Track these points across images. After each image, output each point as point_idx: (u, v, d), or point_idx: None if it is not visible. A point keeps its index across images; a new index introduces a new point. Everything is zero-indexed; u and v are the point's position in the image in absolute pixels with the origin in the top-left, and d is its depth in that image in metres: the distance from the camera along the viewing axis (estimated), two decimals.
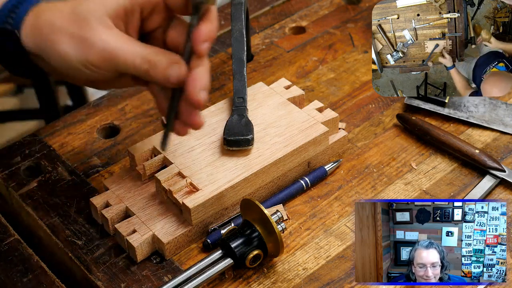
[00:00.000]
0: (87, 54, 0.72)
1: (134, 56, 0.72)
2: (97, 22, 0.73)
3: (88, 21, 0.73)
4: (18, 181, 0.90)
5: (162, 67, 0.73)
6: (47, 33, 0.74)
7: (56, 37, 0.74)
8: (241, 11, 0.96)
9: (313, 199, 0.87)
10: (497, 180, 0.88)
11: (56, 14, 0.75)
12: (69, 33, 0.73)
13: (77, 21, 0.73)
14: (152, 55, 0.73)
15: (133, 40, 0.74)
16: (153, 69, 0.73)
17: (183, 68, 0.73)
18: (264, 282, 0.78)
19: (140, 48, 0.73)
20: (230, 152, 0.85)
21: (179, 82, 0.73)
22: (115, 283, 0.78)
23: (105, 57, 0.72)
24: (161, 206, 0.83)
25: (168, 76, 0.73)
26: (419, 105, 0.98)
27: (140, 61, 0.72)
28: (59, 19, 0.74)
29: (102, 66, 0.73)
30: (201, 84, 0.74)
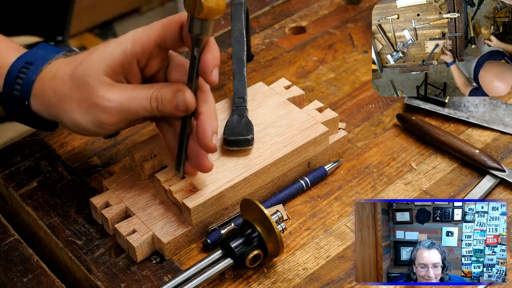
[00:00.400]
0: (98, 117, 0.75)
1: (141, 101, 0.75)
2: (97, 84, 0.75)
3: (88, 85, 0.75)
4: (18, 181, 0.90)
5: (169, 98, 0.75)
6: (56, 102, 0.77)
7: (65, 106, 0.76)
8: (241, 11, 0.96)
9: (313, 199, 0.87)
10: (497, 180, 0.88)
11: (58, 82, 0.77)
12: (75, 100, 0.75)
13: (79, 87, 0.75)
14: (156, 92, 0.75)
15: (135, 87, 0.76)
16: (161, 104, 0.75)
17: (188, 93, 0.75)
18: (264, 282, 0.78)
19: (144, 91, 0.76)
20: (230, 152, 0.85)
21: (188, 108, 0.75)
22: (115, 283, 0.78)
23: (116, 114, 0.75)
24: (161, 206, 0.83)
25: (176, 105, 0.75)
26: (419, 105, 0.98)
27: (148, 102, 0.75)
28: (63, 87, 0.76)
29: (116, 122, 0.76)
30: (211, 128, 0.76)
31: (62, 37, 1.67)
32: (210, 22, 0.72)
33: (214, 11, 0.70)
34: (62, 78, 0.76)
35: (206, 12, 0.70)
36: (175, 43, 0.76)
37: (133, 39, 0.75)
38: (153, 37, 0.75)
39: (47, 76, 0.78)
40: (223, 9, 0.70)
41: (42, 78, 0.78)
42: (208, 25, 0.72)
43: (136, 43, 0.75)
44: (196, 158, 0.78)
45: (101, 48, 0.76)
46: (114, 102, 0.75)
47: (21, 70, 0.78)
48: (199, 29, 0.72)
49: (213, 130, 0.77)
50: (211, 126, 0.76)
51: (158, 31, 0.75)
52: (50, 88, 0.77)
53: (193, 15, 0.71)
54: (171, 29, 0.75)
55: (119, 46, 0.75)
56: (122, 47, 0.75)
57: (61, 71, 0.77)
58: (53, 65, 0.78)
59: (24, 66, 0.78)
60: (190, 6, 0.70)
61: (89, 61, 0.75)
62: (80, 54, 0.78)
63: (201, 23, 0.71)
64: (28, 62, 0.78)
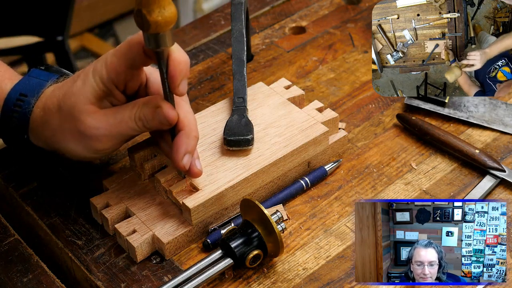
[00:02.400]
0: (91, 145, 0.77)
1: (127, 123, 0.77)
2: (82, 114, 0.76)
3: (74, 116, 0.76)
4: (18, 181, 0.90)
5: (151, 116, 0.76)
6: (50, 135, 0.79)
7: (59, 138, 0.78)
8: (241, 11, 0.96)
9: (313, 199, 0.87)
10: (497, 180, 0.88)
11: (48, 115, 0.79)
12: (67, 131, 0.77)
13: (67, 118, 0.77)
14: (138, 111, 0.77)
15: (118, 109, 0.77)
16: (146, 122, 0.77)
17: (166, 108, 0.76)
18: (264, 282, 0.78)
19: (127, 112, 0.77)
20: (230, 152, 0.85)
21: (171, 122, 0.77)
22: (115, 283, 0.78)
23: (106, 140, 0.77)
24: (161, 206, 0.83)
25: (159, 121, 0.76)
26: (419, 105, 0.98)
27: (134, 123, 0.77)
28: (52, 119, 0.78)
29: (109, 146, 0.78)
30: (185, 148, 0.77)
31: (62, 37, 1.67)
32: (164, 34, 0.71)
33: (162, 25, 0.69)
34: (51, 110, 0.78)
35: (155, 27, 0.70)
36: (142, 61, 0.76)
37: (106, 65, 0.76)
38: (121, 61, 0.76)
39: (38, 109, 0.79)
40: (172, 20, 0.70)
41: (34, 112, 0.79)
42: (162, 37, 0.71)
43: (109, 69, 0.76)
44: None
45: (82, 76, 0.77)
46: (102, 129, 0.76)
47: (16, 103, 0.80)
48: (154, 43, 0.72)
49: (187, 149, 0.77)
50: (185, 146, 0.77)
51: (123, 55, 0.76)
52: (42, 120, 0.79)
53: (144, 31, 0.71)
54: (134, 49, 0.75)
55: (96, 75, 0.76)
56: (99, 76, 0.76)
57: (49, 102, 0.79)
58: (43, 96, 0.80)
59: (19, 98, 0.80)
60: (139, 23, 0.70)
61: (72, 91, 0.77)
62: (66, 81, 0.79)
63: (154, 37, 0.71)
64: (22, 94, 0.80)
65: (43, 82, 0.81)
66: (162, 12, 0.69)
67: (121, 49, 0.76)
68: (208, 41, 1.12)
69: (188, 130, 0.78)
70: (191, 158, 0.78)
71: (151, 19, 0.69)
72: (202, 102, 1.00)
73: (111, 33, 2.86)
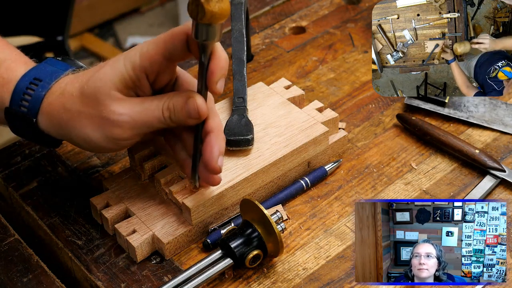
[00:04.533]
0: (110, 132, 0.74)
1: (153, 112, 0.74)
2: (108, 99, 0.74)
3: (99, 100, 0.74)
4: (18, 181, 0.90)
5: (180, 106, 0.74)
6: (66, 119, 0.76)
7: (75, 123, 0.75)
8: (241, 11, 0.96)
9: (313, 199, 0.87)
10: (497, 180, 0.88)
11: (68, 99, 0.76)
12: (86, 116, 0.75)
13: (89, 103, 0.74)
14: (167, 101, 0.75)
15: (146, 99, 0.75)
16: (173, 113, 0.75)
17: (199, 99, 0.74)
18: (264, 282, 0.78)
19: (155, 101, 0.75)
20: (230, 152, 0.85)
21: (200, 115, 0.75)
22: (115, 283, 0.78)
23: (128, 128, 0.74)
24: (161, 206, 0.83)
25: (187, 112, 0.74)
26: (419, 105, 0.98)
27: (161, 113, 0.74)
28: (72, 103, 0.75)
29: (128, 136, 0.75)
30: (218, 149, 0.76)
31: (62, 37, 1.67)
32: (215, 26, 0.71)
33: (217, 16, 0.69)
34: (72, 94, 0.75)
35: (209, 17, 0.69)
36: (182, 54, 0.75)
37: (141, 53, 0.74)
38: (160, 50, 0.74)
39: (56, 92, 0.77)
40: (227, 13, 0.69)
41: (51, 95, 0.77)
42: (213, 30, 0.71)
43: (144, 57, 0.74)
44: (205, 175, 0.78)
45: (110, 63, 0.75)
46: (126, 115, 0.74)
47: (29, 86, 0.77)
48: (204, 34, 0.71)
49: (220, 151, 0.76)
50: (218, 147, 0.76)
51: (164, 44, 0.74)
52: (60, 105, 0.76)
53: (197, 21, 0.71)
54: (177, 40, 0.74)
55: (128, 61, 0.74)
56: (131, 62, 0.74)
57: (70, 87, 0.76)
58: (61, 81, 0.77)
59: (33, 82, 0.77)
60: (193, 12, 0.70)
61: (99, 76, 0.74)
62: (88, 70, 0.77)
63: (205, 29, 0.70)
64: (36, 78, 0.77)
65: (60, 71, 0.78)
66: (220, 2, 0.68)
67: (162, 38, 0.74)
68: None
69: (217, 131, 0.77)
70: (222, 160, 0.77)
71: (209, 8, 0.68)
72: None
73: (111, 33, 2.86)
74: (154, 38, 0.75)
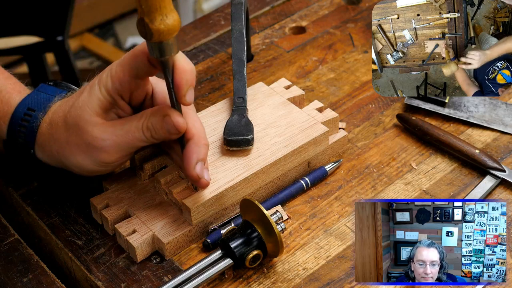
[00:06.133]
0: (98, 157, 0.77)
1: (134, 133, 0.76)
2: (89, 126, 0.76)
3: (81, 128, 0.76)
4: (18, 181, 0.90)
5: (159, 125, 0.75)
6: (57, 149, 0.78)
7: (66, 152, 0.78)
8: (241, 11, 0.96)
9: (313, 199, 0.87)
10: (497, 180, 0.87)
11: (54, 129, 0.78)
12: (73, 144, 0.77)
13: (73, 132, 0.77)
14: (146, 121, 0.76)
15: (126, 120, 0.77)
16: (154, 131, 0.76)
17: (175, 116, 0.75)
18: (264, 282, 0.78)
19: (134, 123, 0.76)
20: (230, 152, 0.85)
21: (180, 130, 0.76)
22: (115, 283, 0.78)
23: (113, 152, 0.76)
24: (161, 206, 0.83)
25: (167, 130, 0.76)
26: (419, 105, 0.98)
27: (141, 133, 0.76)
28: (59, 133, 0.78)
29: (116, 158, 0.77)
30: (196, 156, 0.77)
31: (62, 37, 1.67)
32: (167, 43, 0.70)
33: (165, 33, 0.68)
34: (57, 124, 0.78)
35: (158, 36, 0.68)
36: (147, 71, 0.76)
37: (111, 76, 0.76)
38: (126, 71, 0.75)
39: (45, 123, 0.79)
40: (175, 28, 0.69)
41: (42, 126, 0.79)
42: (166, 46, 0.70)
43: (114, 79, 0.75)
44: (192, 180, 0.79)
45: (88, 88, 0.77)
46: (109, 140, 0.76)
47: (24, 117, 0.79)
48: (157, 52, 0.71)
49: (198, 158, 0.77)
50: (196, 155, 0.77)
51: (128, 65, 0.75)
52: (49, 135, 0.78)
53: (147, 40, 0.70)
54: (139, 59, 0.74)
55: (101, 86, 0.76)
56: (104, 86, 0.76)
57: (56, 116, 0.78)
58: (50, 110, 0.80)
59: (26, 113, 0.79)
60: (141, 32, 0.69)
61: (78, 104, 0.76)
62: (72, 96, 0.79)
63: (157, 46, 0.70)
64: (30, 109, 0.80)
65: (51, 97, 0.81)
66: (164, 20, 0.68)
67: (126, 58, 0.75)
68: (208, 41, 1.12)
69: (197, 138, 0.77)
70: (203, 166, 0.77)
71: (154, 27, 0.68)
72: (202, 102, 1.00)
73: (111, 33, 2.86)
74: (120, 59, 0.76)
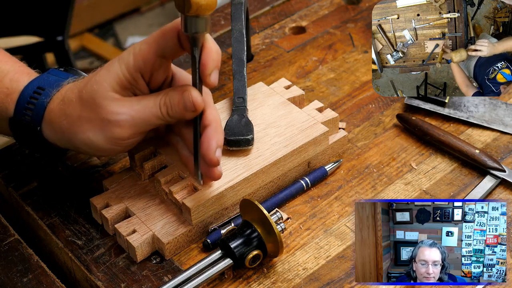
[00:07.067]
0: (111, 133, 0.75)
1: (151, 109, 0.75)
2: (105, 100, 0.75)
3: (97, 103, 0.75)
4: (18, 181, 0.90)
5: (176, 100, 0.75)
6: (67, 125, 0.77)
7: (77, 128, 0.76)
8: (241, 11, 0.96)
9: (313, 199, 0.87)
10: (497, 180, 0.87)
11: (67, 105, 0.77)
12: (87, 120, 0.76)
13: (88, 107, 0.76)
14: (164, 97, 0.76)
15: (143, 97, 0.76)
16: (171, 108, 0.75)
17: (194, 92, 0.75)
18: (264, 282, 0.78)
19: (152, 98, 0.76)
20: (230, 152, 0.85)
21: (196, 107, 0.75)
22: (115, 283, 0.78)
23: (128, 127, 0.75)
24: (161, 206, 0.83)
25: (184, 106, 0.75)
26: (419, 105, 0.98)
27: (158, 109, 0.75)
28: (72, 109, 0.77)
29: (129, 135, 0.76)
30: (216, 141, 0.76)
31: (62, 37, 1.67)
32: (203, 18, 0.71)
33: (203, 7, 0.69)
34: (71, 100, 0.77)
35: (196, 9, 0.69)
36: (174, 51, 0.75)
37: (134, 53, 0.75)
38: (153, 49, 0.75)
39: (57, 100, 0.78)
40: (214, 4, 0.69)
41: (53, 102, 0.78)
42: (201, 21, 0.71)
43: (137, 57, 0.75)
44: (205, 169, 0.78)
45: (106, 66, 0.76)
46: (125, 114, 0.75)
47: (33, 95, 0.78)
48: (193, 27, 0.71)
49: (218, 143, 0.77)
50: (216, 140, 0.76)
51: (156, 43, 0.75)
52: (60, 111, 0.77)
53: (184, 14, 0.70)
54: (168, 37, 0.74)
55: (122, 63, 0.75)
56: (125, 63, 0.75)
57: (70, 93, 0.78)
58: (62, 89, 0.79)
59: (36, 91, 0.79)
60: (180, 5, 0.70)
61: (96, 79, 0.76)
62: (86, 77, 0.79)
63: (194, 21, 0.71)
64: (39, 87, 0.79)
65: (62, 79, 0.80)
66: None
67: (154, 36, 0.75)
68: None
69: (215, 124, 0.77)
70: (221, 152, 0.77)
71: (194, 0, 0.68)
72: None
73: (111, 33, 2.86)
74: (147, 37, 0.76)
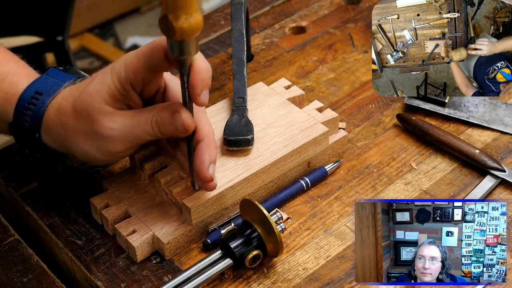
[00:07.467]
0: (104, 146, 0.76)
1: (143, 126, 0.75)
2: (98, 114, 0.75)
3: (90, 116, 0.75)
4: (18, 181, 0.90)
5: (168, 121, 0.75)
6: (63, 135, 0.78)
7: (72, 138, 0.77)
8: (241, 11, 0.96)
9: (313, 199, 0.87)
10: (497, 180, 0.87)
11: (63, 114, 0.77)
12: (81, 131, 0.76)
13: (82, 118, 0.76)
14: (155, 115, 0.75)
15: (136, 112, 0.76)
16: (162, 127, 0.75)
17: (184, 115, 0.75)
18: (264, 282, 0.78)
19: (144, 115, 0.76)
20: (230, 152, 0.85)
21: (187, 129, 0.75)
22: (115, 283, 0.78)
23: (120, 142, 0.75)
24: (161, 206, 0.83)
25: (175, 127, 0.75)
26: (419, 105, 0.98)
27: (150, 127, 0.75)
28: (67, 119, 0.77)
29: (122, 149, 0.76)
30: (208, 158, 0.77)
31: (62, 37, 1.67)
32: (188, 42, 0.69)
33: (188, 32, 0.68)
34: (66, 109, 0.77)
35: (180, 34, 0.68)
36: (162, 66, 0.75)
37: (125, 65, 0.75)
38: (142, 62, 0.74)
39: (54, 107, 0.78)
40: (198, 28, 0.68)
41: (50, 110, 0.78)
42: (186, 45, 0.70)
43: (128, 69, 0.75)
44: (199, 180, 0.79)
45: (100, 76, 0.76)
46: (117, 130, 0.75)
47: (31, 101, 0.78)
48: (177, 51, 0.70)
49: (211, 159, 0.77)
50: (208, 156, 0.77)
51: (144, 57, 0.74)
52: (57, 120, 0.78)
53: (168, 38, 0.70)
54: (156, 53, 0.74)
55: (113, 74, 0.75)
56: (116, 75, 0.75)
57: (65, 102, 0.78)
58: (59, 95, 0.79)
59: (34, 96, 0.78)
60: (163, 29, 0.68)
61: (89, 91, 0.75)
62: (82, 83, 0.78)
63: (179, 45, 0.70)
64: (37, 92, 0.79)
65: (60, 82, 0.80)
66: (188, 19, 0.67)
67: (143, 50, 0.75)
68: (208, 41, 1.12)
69: (208, 140, 0.77)
70: (214, 168, 0.78)
71: (177, 25, 0.67)
72: None
73: (111, 33, 2.86)
74: (138, 49, 0.76)
